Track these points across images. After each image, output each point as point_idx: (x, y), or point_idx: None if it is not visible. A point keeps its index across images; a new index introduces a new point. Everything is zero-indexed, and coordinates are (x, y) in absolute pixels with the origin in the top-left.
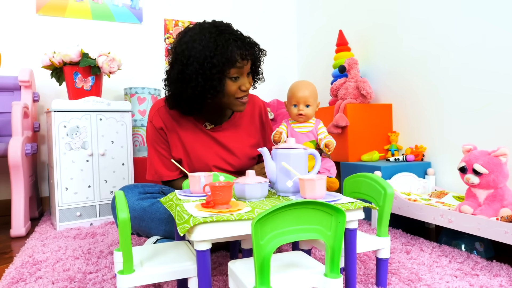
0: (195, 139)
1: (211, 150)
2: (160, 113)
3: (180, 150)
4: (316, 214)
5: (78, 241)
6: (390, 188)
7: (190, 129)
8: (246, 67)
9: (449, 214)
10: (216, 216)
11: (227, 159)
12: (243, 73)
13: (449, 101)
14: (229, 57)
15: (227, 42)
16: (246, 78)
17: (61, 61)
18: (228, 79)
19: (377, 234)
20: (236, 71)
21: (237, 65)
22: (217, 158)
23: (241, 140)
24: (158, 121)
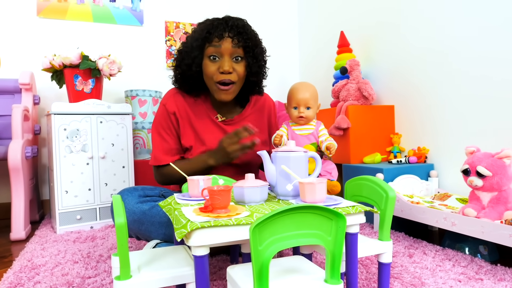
0: (207, 128)
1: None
2: (176, 98)
3: (191, 137)
4: (315, 219)
5: (78, 245)
6: (391, 192)
7: (203, 118)
8: (226, 48)
9: (452, 217)
10: (214, 221)
11: None
12: (223, 54)
13: (452, 102)
14: (206, 33)
15: (212, 21)
16: (226, 60)
17: (61, 63)
18: (206, 58)
19: (379, 238)
20: (213, 50)
21: (213, 43)
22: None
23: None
24: (172, 106)
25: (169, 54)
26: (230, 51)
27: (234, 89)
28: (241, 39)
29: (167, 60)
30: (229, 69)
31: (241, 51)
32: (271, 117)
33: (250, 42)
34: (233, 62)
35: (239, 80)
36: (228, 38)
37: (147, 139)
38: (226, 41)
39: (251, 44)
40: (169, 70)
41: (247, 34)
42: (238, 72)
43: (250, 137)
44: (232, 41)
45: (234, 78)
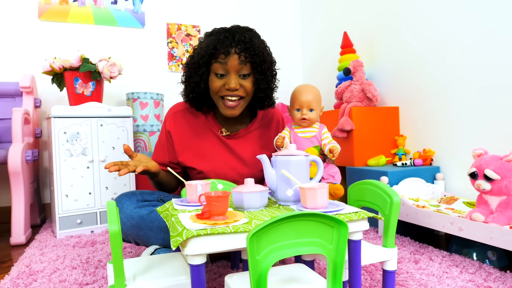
0: (208, 145)
1: (222, 158)
2: (175, 117)
3: (189, 156)
4: (316, 227)
5: (77, 250)
6: (396, 196)
7: (204, 135)
8: (232, 65)
9: (459, 221)
10: (211, 229)
11: (238, 168)
12: (230, 71)
13: (458, 103)
14: (212, 49)
15: (218, 34)
16: (232, 77)
17: (61, 66)
18: (213, 74)
19: (383, 244)
20: (220, 66)
21: (219, 60)
22: (227, 167)
23: (254, 150)
24: (170, 123)
25: (170, 56)
26: (236, 68)
27: (241, 105)
28: (248, 55)
29: (168, 63)
30: (236, 87)
31: (249, 67)
32: (279, 128)
33: (258, 58)
34: (240, 79)
35: (247, 95)
36: (234, 55)
37: (148, 142)
38: (233, 58)
39: (258, 60)
40: (171, 72)
41: (255, 50)
42: (246, 87)
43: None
44: (239, 58)
45: (242, 93)
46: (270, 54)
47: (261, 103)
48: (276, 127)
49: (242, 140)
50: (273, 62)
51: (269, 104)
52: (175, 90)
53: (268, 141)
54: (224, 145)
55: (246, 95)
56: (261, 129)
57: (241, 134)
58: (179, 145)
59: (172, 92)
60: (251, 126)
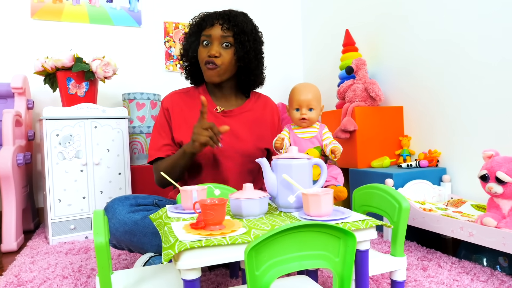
0: None
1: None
2: (172, 95)
3: (183, 131)
4: (321, 238)
5: (70, 257)
6: (405, 202)
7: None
8: (215, 34)
9: (469, 226)
10: (206, 240)
11: (234, 145)
12: (213, 40)
13: (465, 102)
14: (201, 20)
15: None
16: (215, 44)
17: (54, 66)
18: (200, 44)
19: (391, 253)
20: (205, 37)
21: (205, 31)
22: (222, 143)
23: (250, 127)
24: (167, 101)
25: (168, 56)
26: (218, 37)
27: (218, 72)
28: (229, 25)
29: (166, 62)
30: (215, 53)
31: (231, 39)
32: (274, 117)
33: (237, 29)
34: (222, 48)
35: (223, 64)
36: (217, 25)
37: (145, 143)
38: (216, 27)
39: (237, 30)
40: (168, 72)
41: (236, 22)
42: (224, 57)
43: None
44: (222, 28)
45: (218, 62)
46: (255, 32)
47: (247, 78)
48: (271, 111)
49: (237, 118)
50: (259, 40)
51: (256, 80)
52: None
53: (264, 123)
54: (220, 121)
55: (222, 64)
56: (256, 110)
57: (235, 112)
58: (176, 122)
59: (169, 92)
60: (245, 106)
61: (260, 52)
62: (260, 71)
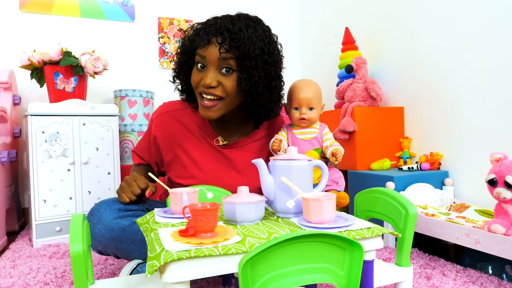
0: (200, 156)
1: (216, 170)
2: (163, 119)
3: (176, 168)
4: (324, 249)
5: (53, 261)
6: (412, 208)
7: (196, 144)
8: (211, 58)
9: (476, 233)
10: (196, 250)
11: (234, 183)
12: (209, 65)
13: (468, 103)
14: (195, 37)
15: (207, 21)
16: (210, 71)
17: (41, 60)
18: (195, 65)
19: (396, 262)
20: (199, 58)
21: (200, 50)
22: (220, 183)
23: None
24: (157, 128)
25: (162, 52)
26: (215, 61)
27: (220, 107)
28: (231, 46)
29: (159, 59)
30: (210, 83)
31: (233, 62)
32: None
33: (240, 52)
34: (220, 75)
35: (227, 96)
36: (214, 45)
37: (136, 142)
38: (212, 48)
39: (241, 54)
40: (162, 69)
41: (239, 41)
42: (225, 86)
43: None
44: (220, 49)
45: (220, 93)
46: (268, 49)
47: (257, 112)
48: None
49: (241, 150)
50: (273, 61)
51: (268, 114)
52: (166, 87)
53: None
54: (220, 155)
55: (226, 96)
56: (266, 139)
57: (240, 143)
58: (167, 155)
59: (163, 90)
60: (254, 135)
61: (275, 78)
62: (274, 103)
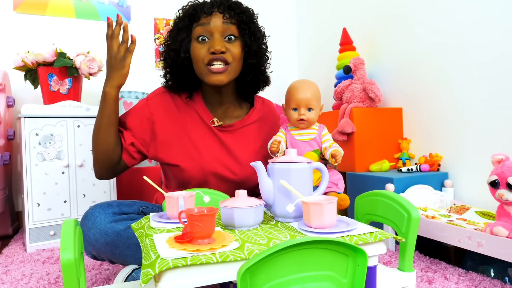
0: (197, 136)
1: (212, 153)
2: (163, 98)
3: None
4: (326, 256)
5: (47, 267)
6: (415, 211)
7: (193, 123)
8: (216, 26)
9: (478, 236)
10: (192, 257)
11: (230, 166)
12: (213, 33)
13: (468, 103)
14: (192, 10)
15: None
16: (217, 38)
17: (35, 61)
18: (194, 41)
19: (399, 267)
20: (201, 29)
21: (201, 21)
22: (217, 163)
23: (249, 146)
24: (155, 104)
25: (158, 53)
26: (221, 28)
27: (229, 71)
28: (234, 13)
29: (156, 60)
30: (221, 48)
31: (235, 29)
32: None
33: (245, 16)
34: (225, 42)
35: (234, 61)
36: (217, 13)
37: None
38: (216, 17)
39: (245, 18)
40: (158, 70)
41: (240, 9)
42: (233, 52)
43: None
44: (223, 17)
45: (229, 58)
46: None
47: (256, 78)
48: (271, 122)
49: (237, 134)
50: (263, 29)
51: (265, 80)
52: None
53: (263, 137)
54: (216, 138)
55: (233, 61)
56: (258, 122)
57: (236, 126)
58: (162, 136)
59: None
60: (248, 118)
61: (266, 44)
62: (266, 68)
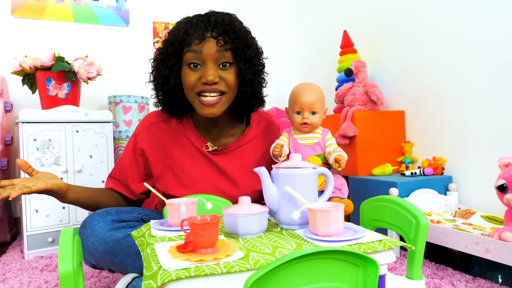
0: (191, 165)
1: (207, 179)
2: (150, 130)
3: (169, 179)
4: (336, 266)
5: (45, 275)
6: (423, 217)
7: (185, 151)
8: (209, 53)
9: (486, 242)
10: (196, 268)
11: (226, 189)
12: (206, 60)
13: (471, 105)
14: (183, 34)
15: (191, 18)
16: (210, 67)
17: (32, 66)
18: (185, 67)
19: (407, 275)
20: (193, 56)
21: (192, 47)
22: (213, 189)
23: (246, 167)
24: (143, 139)
25: None
26: (214, 56)
27: (223, 102)
28: (228, 38)
29: None
30: (214, 79)
31: (230, 55)
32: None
33: (240, 42)
34: (219, 70)
35: (229, 90)
36: (211, 39)
37: None
38: (209, 43)
39: (241, 44)
40: None
41: (236, 33)
42: (227, 80)
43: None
44: (217, 43)
45: (223, 88)
46: (255, 41)
47: (249, 103)
48: (271, 137)
49: (232, 155)
50: (260, 51)
51: (259, 104)
52: None
53: (262, 156)
54: (210, 163)
55: (228, 90)
56: (255, 141)
57: (231, 148)
58: (156, 170)
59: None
60: (243, 138)
61: (263, 66)
62: (262, 90)
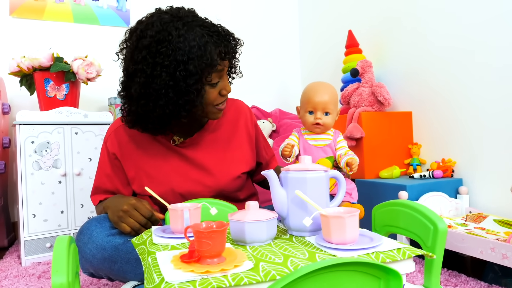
0: (160, 160)
1: (179, 172)
2: (117, 134)
3: (142, 180)
4: (355, 279)
5: (42, 282)
6: (442, 223)
7: (153, 148)
8: (225, 68)
9: (503, 247)
10: (201, 280)
11: (202, 180)
12: (223, 75)
13: (482, 104)
14: (208, 60)
15: (201, 39)
16: (226, 80)
17: (31, 66)
18: (207, 86)
19: (424, 284)
20: (216, 75)
21: (218, 69)
22: (188, 181)
23: (219, 154)
24: (113, 144)
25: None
26: (227, 69)
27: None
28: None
29: None
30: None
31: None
32: (250, 127)
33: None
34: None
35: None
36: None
37: None
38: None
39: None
40: None
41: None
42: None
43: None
44: (231, 59)
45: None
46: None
47: None
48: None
49: (201, 145)
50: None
51: None
52: None
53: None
54: (181, 156)
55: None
56: (223, 127)
57: (197, 139)
58: (129, 170)
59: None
60: (208, 127)
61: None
62: None
